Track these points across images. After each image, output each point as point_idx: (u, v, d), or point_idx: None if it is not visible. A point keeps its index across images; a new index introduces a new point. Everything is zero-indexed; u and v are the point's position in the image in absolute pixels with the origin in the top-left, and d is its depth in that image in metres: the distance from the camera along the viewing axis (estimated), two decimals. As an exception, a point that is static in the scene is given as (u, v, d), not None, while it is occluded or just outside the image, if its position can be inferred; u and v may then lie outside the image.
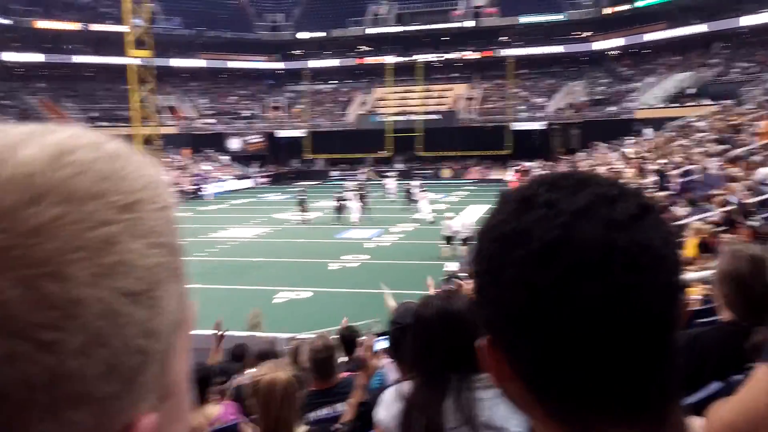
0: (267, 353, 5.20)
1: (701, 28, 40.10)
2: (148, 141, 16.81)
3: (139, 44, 14.81)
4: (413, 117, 45.17)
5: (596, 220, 0.59)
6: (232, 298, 14.03)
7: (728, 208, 9.12)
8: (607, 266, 0.57)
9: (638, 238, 0.59)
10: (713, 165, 13.40)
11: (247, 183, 42.37)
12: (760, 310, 1.96)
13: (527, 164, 35.48)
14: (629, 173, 18.40)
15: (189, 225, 26.19)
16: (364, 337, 4.99)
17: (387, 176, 36.34)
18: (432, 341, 1.83)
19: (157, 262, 0.40)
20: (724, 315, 2.02)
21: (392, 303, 6.20)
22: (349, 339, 5.10)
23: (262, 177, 45.03)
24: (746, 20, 37.56)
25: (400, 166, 46.28)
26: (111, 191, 0.40)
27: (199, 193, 36.82)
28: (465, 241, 17.35)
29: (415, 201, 26.82)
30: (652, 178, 14.62)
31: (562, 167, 29.34)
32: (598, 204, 0.60)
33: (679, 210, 10.72)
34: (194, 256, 19.17)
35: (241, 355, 5.98)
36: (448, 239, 17.98)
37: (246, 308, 10.16)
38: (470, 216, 20.13)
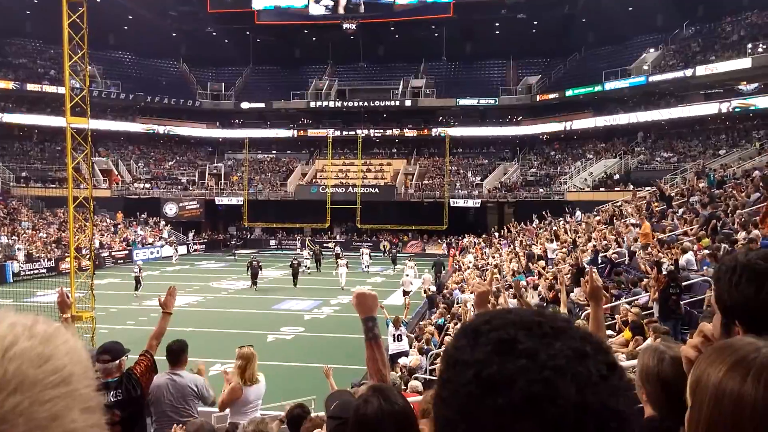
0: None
1: (624, 118, 42.93)
2: (80, 204, 16.30)
3: (76, 108, 14.64)
4: (352, 189, 45.73)
5: (572, 378, 0.62)
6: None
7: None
8: (581, 427, 0.61)
9: (608, 402, 0.63)
10: (640, 248, 14.11)
11: (181, 250, 41.39)
12: (683, 410, 1.94)
13: (464, 241, 36.27)
14: (561, 252, 19.14)
15: (120, 292, 25.23)
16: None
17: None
18: None
19: (91, 423, 0.48)
20: (647, 410, 2.02)
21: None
22: (298, 419, 4.65)
23: (197, 244, 44.16)
24: (666, 113, 40.51)
25: (338, 237, 46.45)
26: (49, 371, 0.49)
27: (134, 258, 35.77)
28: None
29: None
30: (586, 258, 15.22)
31: (499, 243, 30.15)
32: (574, 360, 0.63)
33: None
34: (125, 325, 18.41)
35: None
36: (406, 293, 21.84)
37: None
38: (427, 275, 24.90)
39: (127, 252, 37.69)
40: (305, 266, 31.76)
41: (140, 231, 41.65)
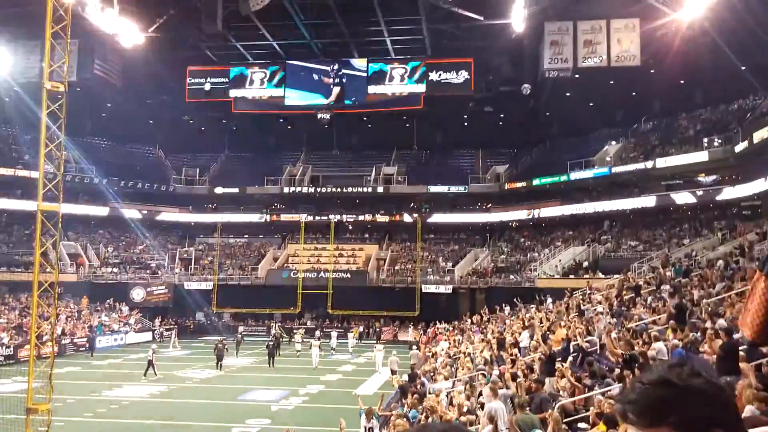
0: None
1: (590, 207, 44.00)
2: (45, 289, 15.94)
3: (48, 193, 14.60)
4: (324, 274, 45.53)
5: None
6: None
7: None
8: None
9: None
10: (610, 338, 14.17)
11: (146, 336, 40.24)
12: None
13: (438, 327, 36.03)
14: (534, 341, 19.08)
15: (79, 381, 24.25)
16: None
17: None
18: None
19: None
20: None
21: None
22: None
23: (165, 330, 43.00)
24: (630, 203, 41.70)
25: (308, 323, 45.69)
26: None
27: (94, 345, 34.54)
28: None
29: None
30: (559, 347, 15.23)
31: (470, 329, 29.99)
32: None
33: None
34: (83, 417, 17.61)
35: None
36: (393, 372, 23.49)
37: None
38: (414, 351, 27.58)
39: (87, 339, 36.28)
40: (297, 350, 33.72)
41: (105, 317, 40.48)
